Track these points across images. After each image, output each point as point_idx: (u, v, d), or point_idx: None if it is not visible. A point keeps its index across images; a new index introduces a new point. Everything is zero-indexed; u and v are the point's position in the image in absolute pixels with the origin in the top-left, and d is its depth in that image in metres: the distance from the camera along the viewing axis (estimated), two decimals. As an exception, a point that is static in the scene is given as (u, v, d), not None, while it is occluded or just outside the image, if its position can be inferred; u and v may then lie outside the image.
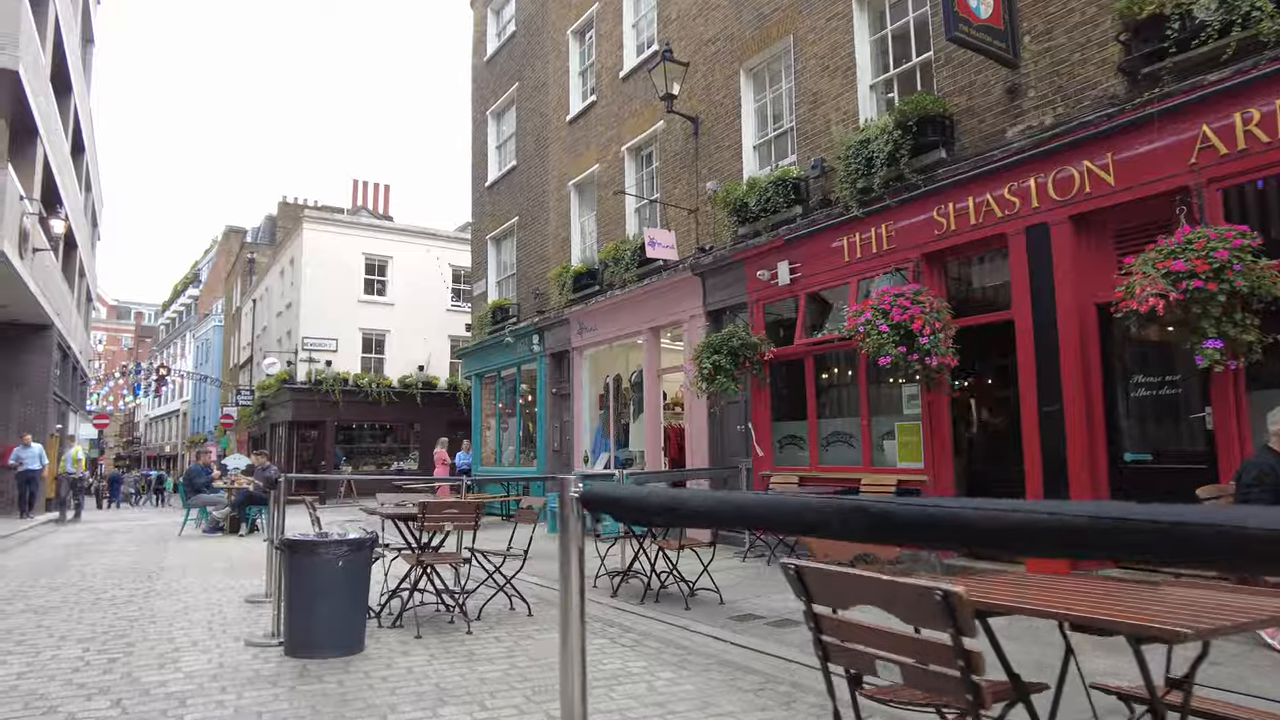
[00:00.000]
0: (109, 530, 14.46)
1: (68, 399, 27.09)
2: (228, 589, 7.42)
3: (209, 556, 10.02)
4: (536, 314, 15.60)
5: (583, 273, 13.88)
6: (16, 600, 6.90)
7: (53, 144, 21.49)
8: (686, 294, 11.35)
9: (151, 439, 64.76)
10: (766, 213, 9.80)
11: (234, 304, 42.39)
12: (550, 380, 15.20)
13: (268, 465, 13.70)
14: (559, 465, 14.87)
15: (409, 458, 27.39)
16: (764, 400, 10.02)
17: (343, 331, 25.93)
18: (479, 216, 19.04)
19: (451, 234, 28.78)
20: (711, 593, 6.95)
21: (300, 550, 4.77)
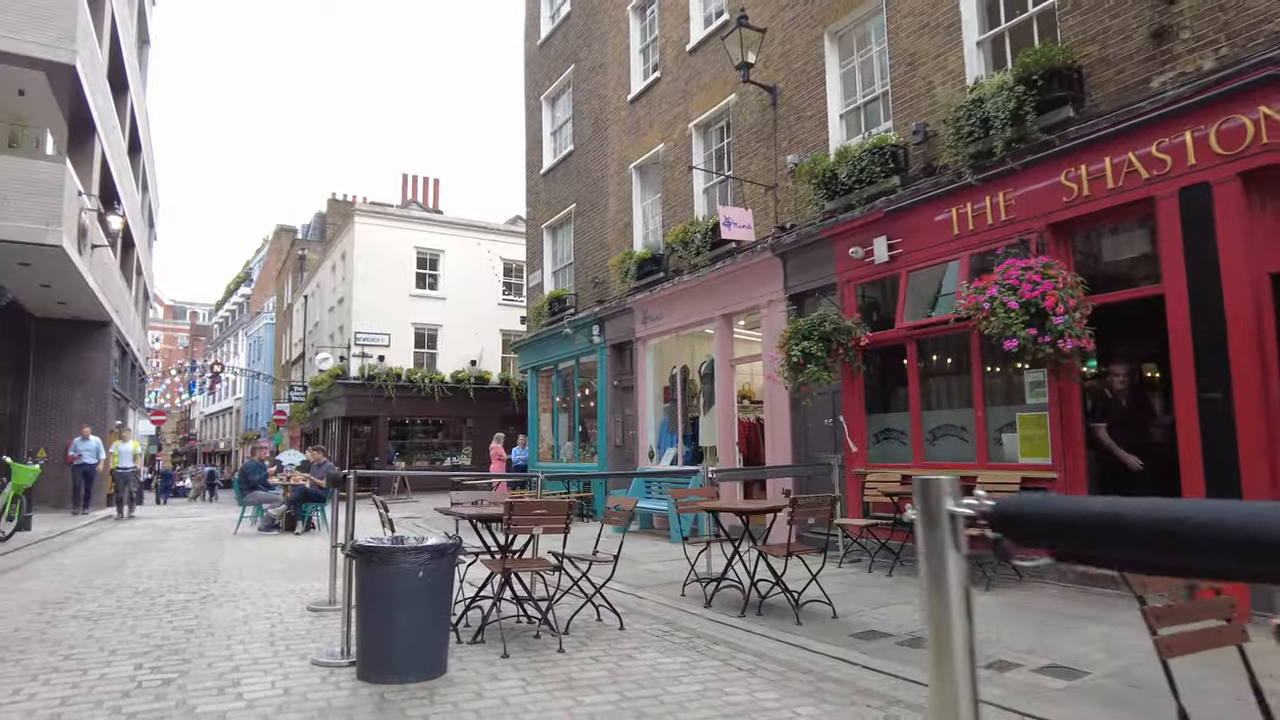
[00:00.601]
0: (166, 527, 14.19)
1: (127, 395, 27.32)
2: (287, 594, 6.86)
3: (266, 557, 9.54)
4: (596, 304, 14.92)
5: (647, 259, 13.16)
6: (70, 604, 6.42)
7: (110, 142, 21.50)
8: (765, 277, 10.55)
9: (207, 435, 66.00)
10: (860, 184, 8.95)
11: (285, 301, 42.67)
12: (611, 372, 14.52)
13: (324, 461, 13.26)
14: (620, 461, 14.18)
15: (462, 453, 27.02)
16: (857, 390, 9.17)
17: (395, 326, 25.63)
18: (534, 205, 18.44)
19: (503, 226, 28.32)
20: (821, 604, 6.16)
21: (375, 559, 4.12)
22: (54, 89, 17.76)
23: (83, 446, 15.88)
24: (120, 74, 23.97)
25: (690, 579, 7.05)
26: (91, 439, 16.10)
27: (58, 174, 15.39)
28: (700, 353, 12.92)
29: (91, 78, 18.19)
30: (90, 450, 15.91)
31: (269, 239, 57.22)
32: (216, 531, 12.92)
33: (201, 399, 61.45)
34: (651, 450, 13.29)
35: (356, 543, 4.22)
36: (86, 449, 15.87)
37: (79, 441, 15.96)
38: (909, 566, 7.98)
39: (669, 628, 5.79)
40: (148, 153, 31.11)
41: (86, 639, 5.19)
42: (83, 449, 15.84)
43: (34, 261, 15.95)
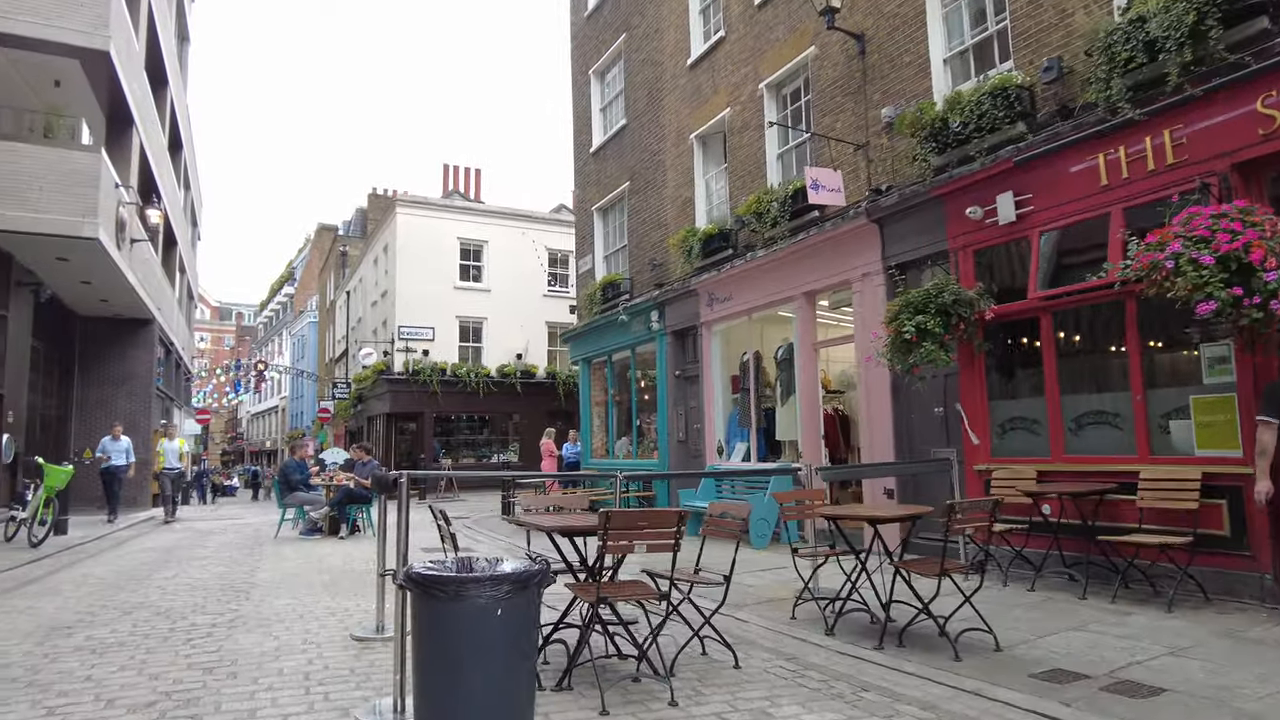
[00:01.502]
0: (205, 530, 13.44)
1: (171, 395, 26.99)
2: (327, 616, 5.85)
3: (306, 566, 8.60)
4: (654, 287, 13.79)
5: (713, 235, 11.98)
6: (79, 629, 5.50)
7: (149, 135, 20.99)
8: (857, 246, 9.30)
9: (254, 435, 66.50)
10: (980, 133, 7.67)
11: (328, 298, 42.36)
12: (672, 361, 13.38)
13: (369, 459, 12.36)
14: (684, 458, 13.05)
15: (509, 450, 26.15)
16: (977, 373, 7.89)
17: (439, 320, 24.81)
18: (583, 187, 17.38)
19: (547, 215, 27.37)
20: (978, 632, 4.95)
21: (438, 592, 3.04)
22: (90, 80, 17.19)
23: (112, 447, 14.67)
24: (159, 68, 23.53)
25: (802, 597, 5.88)
26: (123, 439, 14.93)
27: (93, 164, 14.76)
28: (775, 337, 11.71)
29: (127, 66, 17.61)
30: (120, 451, 14.70)
31: (310, 238, 57.24)
32: (256, 536, 12.09)
33: (248, 398, 61.84)
34: (720, 445, 12.13)
35: (413, 570, 3.15)
36: (116, 450, 14.66)
37: (108, 441, 14.81)
38: (1053, 579, 6.72)
39: (795, 665, 4.65)
40: (189, 150, 30.81)
41: (83, 682, 4.22)
42: (111, 449, 14.63)
43: (72, 256, 15.38)
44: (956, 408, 8.03)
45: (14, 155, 14.16)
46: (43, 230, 14.06)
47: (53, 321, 19.09)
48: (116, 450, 14.56)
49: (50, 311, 18.62)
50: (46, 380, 19.50)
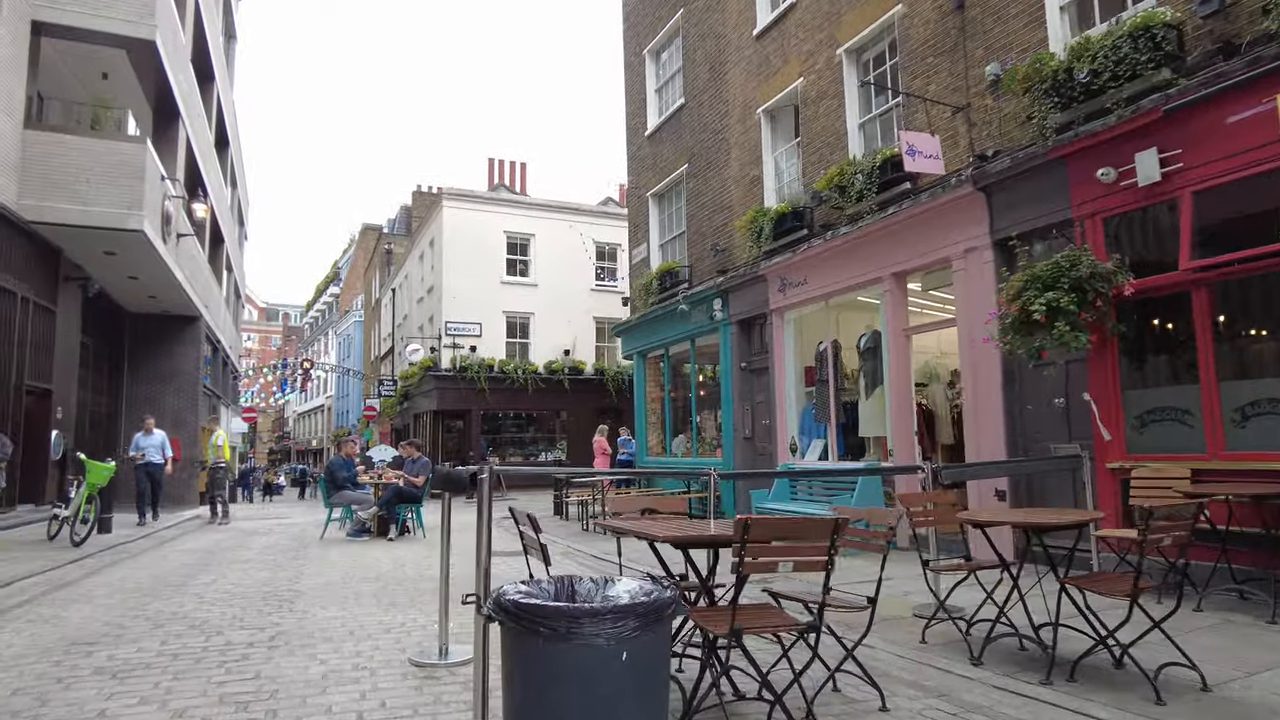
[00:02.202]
0: (250, 530, 12.93)
1: (219, 393, 26.90)
2: (381, 633, 5.11)
3: (355, 572, 7.92)
4: (717, 274, 12.93)
5: (785, 214, 11.07)
6: (103, 645, 4.83)
7: (195, 129, 20.77)
8: (959, 219, 8.32)
9: (300, 434, 67.12)
10: (1115, 83, 6.66)
11: (373, 296, 42.27)
12: (738, 352, 12.50)
13: (419, 456, 11.70)
14: (751, 456, 12.16)
15: (556, 448, 25.47)
16: (1109, 358, 6.88)
17: (485, 315, 24.23)
18: (637, 172, 16.58)
19: (594, 208, 26.67)
20: (1179, 668, 3.99)
21: (543, 628, 2.23)
22: (137, 72, 16.94)
23: (145, 442, 13.54)
24: (206, 64, 23.38)
25: (936, 617, 4.97)
26: (156, 433, 13.80)
27: (138, 155, 14.39)
28: (855, 324, 10.76)
29: (173, 58, 17.34)
30: (155, 446, 13.56)
31: (355, 238, 57.50)
32: (301, 537, 11.51)
33: (294, 398, 62.39)
34: (794, 443, 11.21)
35: (505, 596, 2.35)
36: (150, 445, 13.54)
37: (140, 437, 13.69)
38: (1219, 597, 5.69)
39: (952, 706, 3.75)
40: (235, 149, 30.80)
41: (96, 718, 3.50)
42: (145, 445, 13.51)
43: (119, 250, 15.08)
44: (1084, 398, 7.02)
45: (62, 147, 13.87)
46: (90, 223, 13.77)
47: (102, 318, 18.92)
48: (151, 445, 13.55)
49: (100, 308, 18.43)
50: (96, 377, 19.35)
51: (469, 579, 7.26)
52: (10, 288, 13.30)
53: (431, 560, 8.74)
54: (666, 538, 3.31)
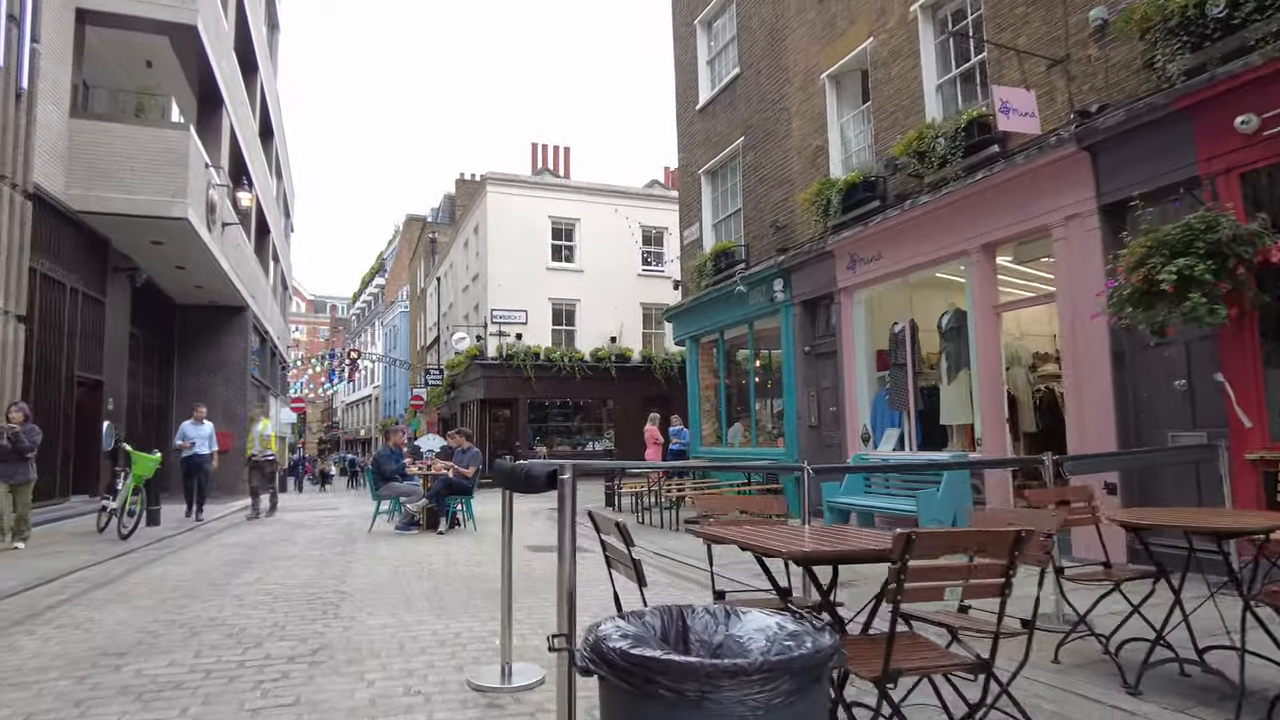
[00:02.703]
0: (296, 523, 12.62)
1: (267, 383, 26.98)
2: (436, 648, 4.57)
3: (404, 569, 7.44)
4: (777, 253, 12.19)
5: (855, 185, 10.29)
6: (134, 655, 4.38)
7: (239, 118, 20.63)
8: (1060, 183, 7.48)
9: (349, 423, 67.96)
10: (1260, 15, 5.78)
11: (418, 286, 42.26)
12: (801, 336, 11.76)
13: (468, 446, 11.23)
14: (818, 446, 11.44)
15: (603, 437, 24.96)
16: (1248, 333, 6.02)
17: (531, 302, 23.77)
18: (688, 149, 15.86)
19: (640, 191, 25.98)
20: (1400, 709, 3.23)
21: (665, 690, 1.61)
22: (180, 59, 16.76)
23: (194, 432, 12.58)
24: (249, 53, 23.27)
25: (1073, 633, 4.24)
26: (206, 424, 12.89)
27: (182, 142, 14.17)
28: (934, 302, 9.96)
29: (216, 45, 17.13)
30: (203, 437, 12.62)
31: (399, 229, 57.74)
32: (349, 530, 11.13)
33: (342, 388, 63.10)
34: (866, 431, 10.47)
35: (606, 642, 1.74)
36: (199, 435, 12.57)
37: (189, 426, 12.74)
38: None
39: (1130, 755, 3.06)
40: (280, 139, 30.83)
41: (111, 754, 3.01)
42: (194, 435, 12.54)
43: (166, 240, 14.93)
44: (1216, 379, 6.17)
45: (107, 135, 13.70)
46: (135, 211, 13.61)
47: (151, 309, 18.91)
48: (199, 436, 12.59)
49: (148, 299, 18.40)
50: (147, 368, 19.38)
51: (521, 578, 6.69)
52: (59, 278, 13.18)
53: (484, 557, 8.24)
54: (795, 553, 2.66)
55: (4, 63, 10.69)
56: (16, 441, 8.36)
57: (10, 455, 8.38)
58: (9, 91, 10.92)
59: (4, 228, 10.72)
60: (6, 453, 8.34)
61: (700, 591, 6.26)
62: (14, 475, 8.49)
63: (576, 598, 2.60)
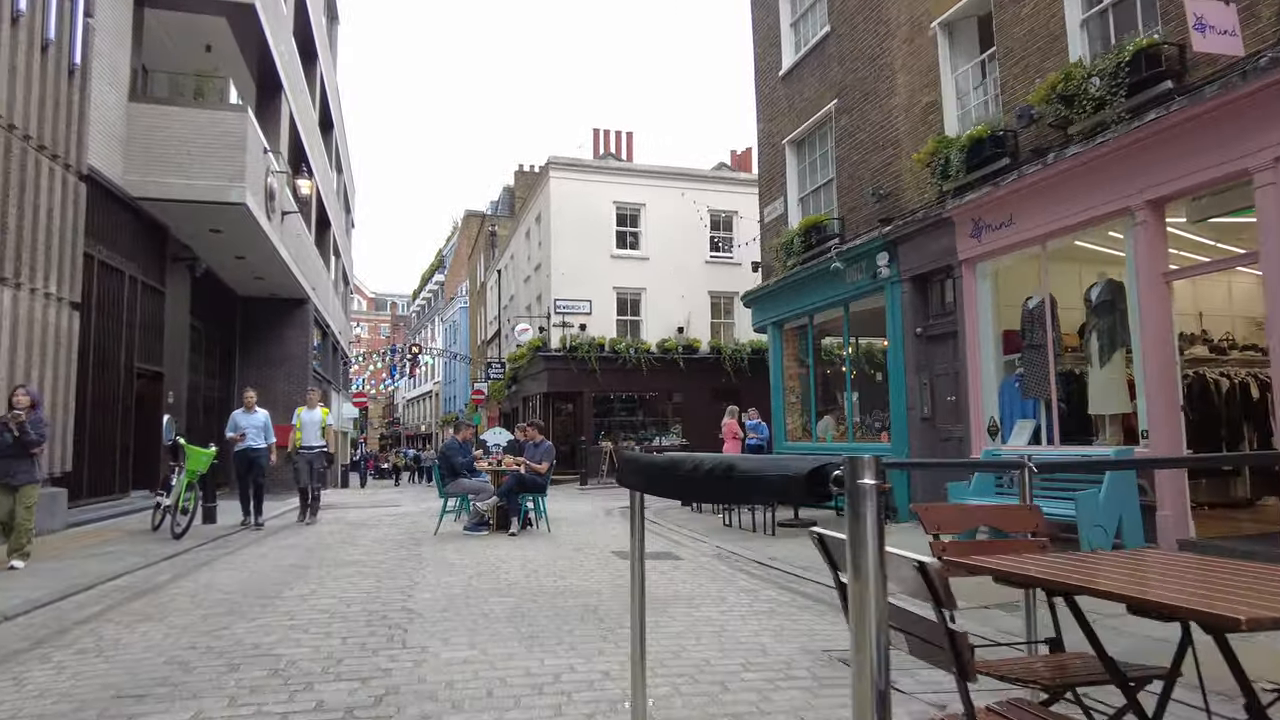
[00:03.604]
0: (357, 522, 11.84)
1: (329, 377, 26.66)
2: (532, 696, 3.51)
3: (479, 580, 6.46)
4: (879, 224, 10.90)
5: (980, 140, 8.95)
6: (152, 700, 3.46)
7: (298, 105, 20.16)
8: (1267, 117, 6.08)
9: (409, 419, 68.38)
10: None
11: (478, 280, 41.83)
12: (911, 316, 10.46)
13: (541, 440, 10.25)
14: (931, 440, 10.14)
15: (670, 431, 23.87)
16: None
17: (595, 292, 22.81)
18: (769, 118, 14.64)
19: (708, 173, 24.79)
20: None
21: None
22: (239, 42, 16.24)
23: (245, 421, 10.76)
24: (309, 42, 22.87)
25: None
26: (258, 412, 10.98)
27: (240, 125, 13.57)
28: (1075, 273, 8.59)
29: (274, 27, 16.59)
30: (256, 427, 10.77)
31: (458, 224, 57.64)
32: (414, 531, 10.27)
33: (404, 384, 63.44)
34: (994, 423, 9.13)
35: None
36: (251, 425, 10.74)
37: (239, 415, 10.89)
38: None
39: None
40: (340, 133, 30.57)
41: None
42: (245, 424, 10.73)
43: (225, 228, 14.40)
44: None
45: (165, 119, 13.18)
46: (193, 197, 13.07)
47: (212, 301, 18.52)
48: (252, 426, 10.73)
49: (209, 290, 18.00)
50: (208, 361, 19.02)
51: (614, 592, 5.61)
52: (117, 266, 12.68)
53: (566, 565, 7.23)
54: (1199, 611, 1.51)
55: (55, 36, 10.10)
56: (22, 433, 6.65)
57: (11, 450, 6.67)
58: (61, 67, 10.34)
59: (57, 210, 10.14)
60: (7, 447, 6.64)
61: (832, 614, 5.11)
62: (15, 474, 6.70)
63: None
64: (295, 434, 11.28)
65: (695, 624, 4.87)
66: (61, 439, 10.10)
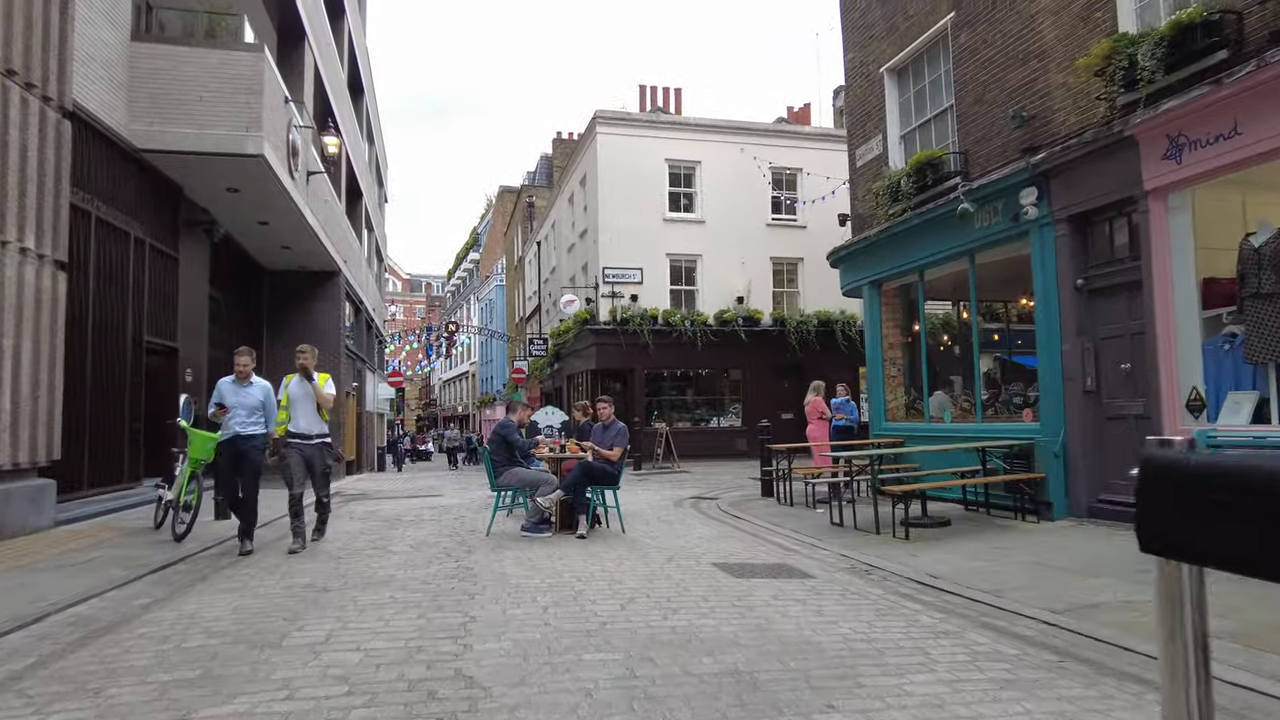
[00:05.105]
0: (392, 517, 10.16)
1: (363, 356, 25.22)
2: None
3: (560, 619, 4.65)
4: (1021, 154, 8.84)
5: (1187, 29, 6.85)
6: None
7: (324, 58, 18.46)
8: None
9: (445, 400, 67.37)
10: None
11: (515, 255, 40.15)
12: (1069, 264, 8.39)
13: (612, 420, 8.43)
14: (1098, 419, 8.13)
15: (729, 411, 21.98)
16: None
17: (647, 259, 20.90)
18: (861, 46, 12.54)
19: (769, 126, 22.66)
20: None
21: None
22: (256, -17, 14.65)
23: (234, 397, 7.22)
24: (337, 0, 21.27)
25: None
26: (256, 383, 7.41)
27: (255, 66, 11.89)
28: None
29: (290, -41, 14.95)
30: (247, 406, 7.23)
31: (492, 201, 56.06)
32: (460, 531, 8.53)
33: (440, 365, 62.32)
34: (1197, 396, 7.10)
35: None
36: (241, 402, 7.21)
37: (228, 385, 7.33)
38: None
39: None
40: (371, 100, 28.94)
41: None
42: (234, 400, 7.20)
43: (241, 185, 12.78)
44: None
45: (172, 61, 11.53)
46: (204, 148, 11.46)
47: (237, 273, 17.03)
48: (241, 405, 7.18)
49: (233, 263, 16.48)
50: (232, 337, 17.55)
51: (746, 636, 3.69)
52: (121, 225, 11.09)
53: (665, 586, 5.42)
54: None
55: (29, -56, 8.44)
56: None
57: None
58: (37, -19, 8.69)
59: (33, 150, 8.50)
60: None
61: (1129, 688, 3.24)
62: None
63: None
64: (281, 413, 7.45)
65: (923, 713, 3.04)
66: (46, 423, 8.55)
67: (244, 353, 7.68)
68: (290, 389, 7.58)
